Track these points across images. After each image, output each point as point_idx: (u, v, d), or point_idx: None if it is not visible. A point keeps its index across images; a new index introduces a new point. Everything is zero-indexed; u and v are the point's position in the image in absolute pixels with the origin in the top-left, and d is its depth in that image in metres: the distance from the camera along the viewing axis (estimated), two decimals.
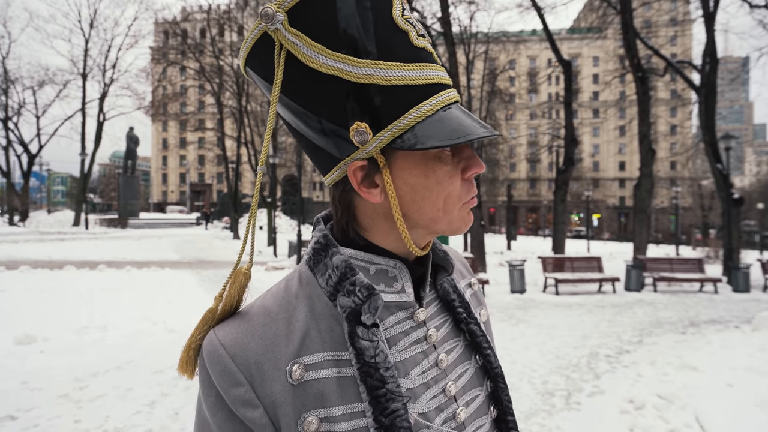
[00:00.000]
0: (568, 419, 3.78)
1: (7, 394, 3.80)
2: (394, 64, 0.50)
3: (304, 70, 0.51)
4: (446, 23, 13.46)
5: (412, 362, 0.56)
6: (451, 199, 0.55)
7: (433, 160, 0.53)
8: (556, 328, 7.05)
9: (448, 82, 0.55)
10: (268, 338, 0.52)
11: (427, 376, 0.57)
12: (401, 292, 0.57)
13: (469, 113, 0.55)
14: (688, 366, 4.84)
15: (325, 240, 0.57)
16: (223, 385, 0.51)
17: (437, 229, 0.56)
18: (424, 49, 0.53)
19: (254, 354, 0.51)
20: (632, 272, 10.90)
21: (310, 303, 0.55)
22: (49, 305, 7.08)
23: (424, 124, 0.51)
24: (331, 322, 0.54)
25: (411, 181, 0.53)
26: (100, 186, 71.84)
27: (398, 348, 0.55)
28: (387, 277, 0.57)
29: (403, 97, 0.51)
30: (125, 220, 30.59)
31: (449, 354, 0.61)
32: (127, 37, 31.89)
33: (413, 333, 0.58)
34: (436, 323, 0.61)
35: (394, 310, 0.57)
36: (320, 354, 0.52)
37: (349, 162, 0.53)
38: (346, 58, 0.49)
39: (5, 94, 30.17)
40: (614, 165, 66.33)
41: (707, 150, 14.04)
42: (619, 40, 19.48)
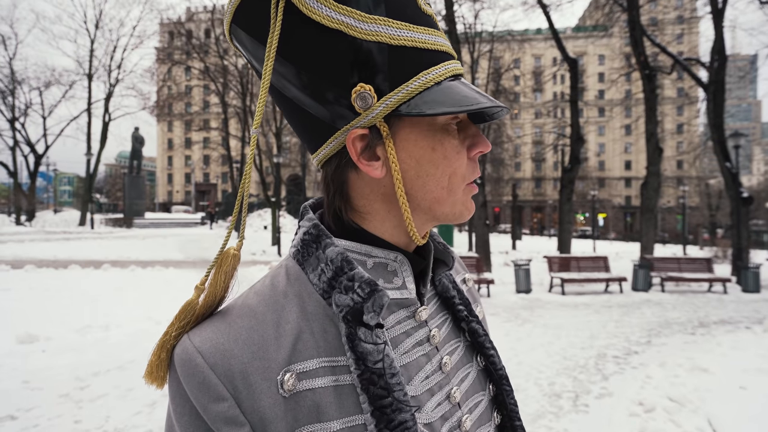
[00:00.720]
0: (576, 422, 3.70)
1: (8, 393, 3.77)
2: (403, 23, 0.46)
3: (304, 24, 0.45)
4: (450, 21, 13.38)
5: (415, 366, 0.50)
6: (456, 177, 0.50)
7: (441, 132, 0.49)
8: (562, 328, 6.96)
9: (453, 54, 0.51)
10: (255, 343, 0.45)
11: (431, 381, 0.51)
12: (402, 288, 0.51)
13: (475, 87, 0.50)
14: (698, 368, 4.74)
15: (316, 230, 0.50)
16: (201, 401, 0.43)
17: (440, 211, 0.51)
18: (431, 16, 0.49)
19: (239, 362, 0.44)
20: (639, 272, 10.78)
21: (300, 302, 0.48)
22: (52, 304, 7.07)
23: (432, 90, 0.46)
24: (325, 323, 0.47)
25: (416, 154, 0.48)
26: (106, 186, 72.30)
27: (400, 350, 0.50)
28: (386, 271, 0.51)
29: (412, 60, 0.46)
30: (130, 220, 30.72)
31: (451, 356, 0.55)
32: (132, 37, 32.23)
33: (415, 334, 0.52)
34: (437, 322, 0.56)
35: (394, 308, 0.51)
36: (315, 360, 0.45)
37: (348, 130, 0.47)
38: (353, 12, 0.45)
39: (12, 94, 30.41)
40: (620, 164, 65.90)
41: (715, 148, 13.86)
42: (625, 37, 19.33)
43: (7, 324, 5.63)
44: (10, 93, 30.32)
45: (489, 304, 8.84)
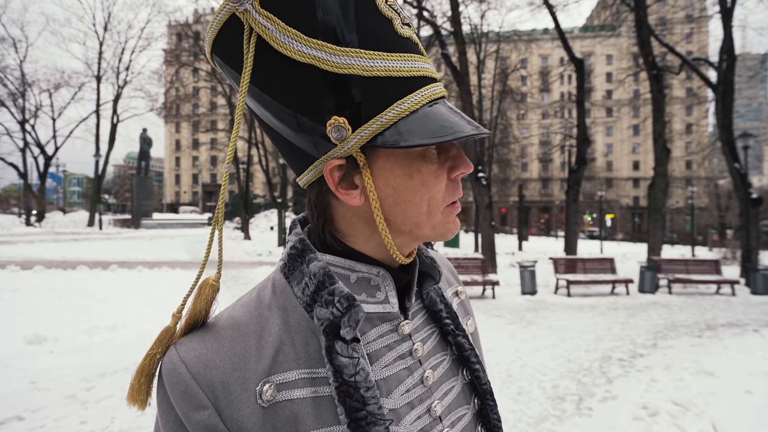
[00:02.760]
0: (579, 425, 3.69)
1: (16, 394, 3.82)
2: (376, 53, 0.46)
3: (277, 58, 0.46)
4: (456, 22, 13.37)
5: (395, 380, 0.51)
6: (436, 201, 0.50)
7: (417, 160, 0.49)
8: (567, 330, 6.92)
9: (434, 76, 0.51)
10: (237, 355, 0.47)
11: (412, 394, 0.52)
12: (384, 303, 0.52)
13: (456, 110, 0.50)
14: (704, 371, 4.69)
15: (301, 245, 0.52)
16: (184, 409, 0.45)
17: (421, 234, 0.52)
18: (409, 38, 0.49)
19: (220, 373, 0.46)
20: (646, 273, 10.69)
21: (284, 314, 0.50)
22: (60, 305, 7.15)
23: (408, 120, 0.46)
24: (308, 335, 0.49)
25: (393, 182, 0.49)
26: (114, 187, 72.97)
27: (381, 364, 0.51)
28: (369, 285, 0.52)
29: (385, 90, 0.46)
30: (138, 221, 31.00)
31: (435, 370, 0.56)
32: (140, 39, 32.42)
33: (397, 347, 0.53)
34: (421, 336, 0.57)
35: (376, 322, 0.52)
36: (294, 372, 0.47)
37: (325, 161, 0.48)
38: (324, 45, 0.45)
39: (23, 97, 30.78)
40: (628, 164, 65.36)
41: (724, 149, 13.71)
42: (632, 37, 19.18)
43: (15, 325, 5.71)
44: (20, 95, 30.70)
45: (494, 306, 8.81)
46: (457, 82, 13.64)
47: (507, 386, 4.50)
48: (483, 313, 8.10)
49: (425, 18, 16.15)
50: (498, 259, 14.20)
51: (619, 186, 63.85)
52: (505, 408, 3.97)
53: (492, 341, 6.15)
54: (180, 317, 0.51)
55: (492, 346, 5.88)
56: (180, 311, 0.51)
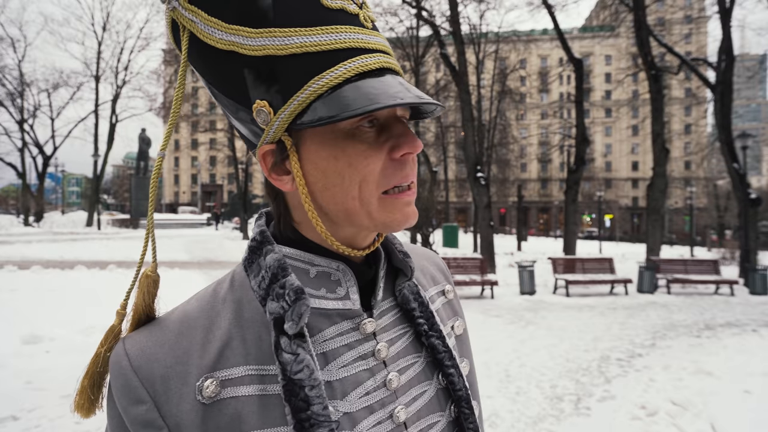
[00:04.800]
0: (577, 425, 3.68)
1: (12, 394, 3.80)
2: (292, 30, 0.43)
3: (209, 50, 0.46)
4: (455, 22, 13.36)
5: (353, 381, 0.48)
6: (368, 184, 0.46)
7: (344, 139, 0.45)
8: (566, 330, 6.91)
9: (369, 46, 0.46)
10: (181, 348, 0.46)
11: (372, 398, 0.49)
12: (345, 299, 0.50)
13: (402, 83, 0.46)
14: (703, 371, 4.69)
15: (261, 237, 0.51)
16: (123, 403, 0.44)
17: (358, 222, 0.48)
18: (341, 10, 0.45)
19: (161, 367, 0.44)
20: (645, 273, 10.69)
21: (237, 308, 0.48)
22: (57, 305, 7.13)
23: (331, 96, 0.43)
24: (261, 330, 0.47)
25: (321, 165, 0.46)
26: (113, 187, 72.92)
27: (338, 364, 0.48)
28: (330, 281, 0.50)
29: (304, 67, 0.44)
30: (137, 221, 30.94)
31: (404, 373, 0.52)
32: (139, 39, 32.32)
33: (359, 347, 0.50)
34: (390, 336, 0.53)
35: (336, 319, 0.50)
36: (241, 368, 0.45)
37: (259, 146, 0.48)
38: (241, 30, 0.44)
39: (21, 96, 30.72)
40: (627, 165, 65.43)
41: (723, 149, 13.73)
42: (631, 38, 19.19)
43: (12, 324, 5.68)
44: (19, 95, 30.63)
45: (492, 306, 8.80)
46: (456, 82, 13.64)
47: (505, 386, 4.49)
48: (482, 313, 8.09)
49: (424, 18, 16.16)
50: (497, 259, 14.18)
51: (618, 186, 63.91)
52: (503, 408, 3.95)
53: (490, 341, 6.14)
54: (124, 314, 0.50)
55: (490, 346, 5.87)
56: (124, 307, 0.50)
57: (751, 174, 79.03)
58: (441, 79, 28.19)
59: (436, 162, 30.35)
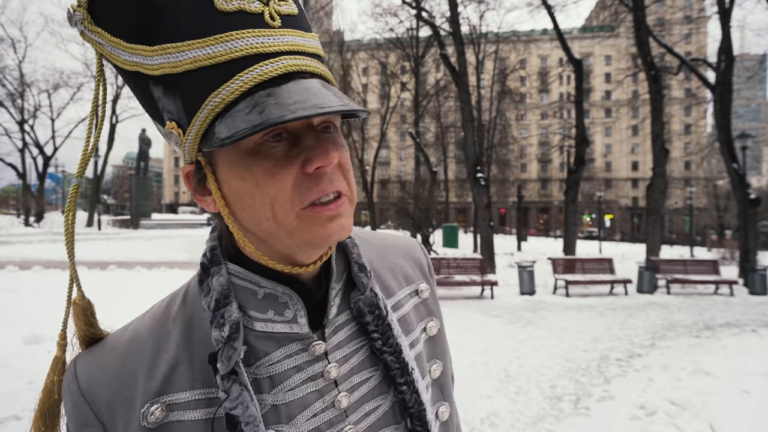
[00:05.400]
0: (577, 425, 3.69)
1: (14, 393, 3.82)
2: (185, 43, 0.40)
3: (119, 71, 0.44)
4: (455, 23, 13.38)
5: (300, 404, 0.47)
6: (280, 203, 0.42)
7: (248, 157, 0.42)
8: (565, 330, 6.93)
9: (272, 49, 0.41)
10: (128, 372, 0.46)
11: (320, 419, 0.48)
12: (292, 322, 0.48)
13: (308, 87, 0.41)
14: (702, 371, 4.70)
15: (210, 254, 0.49)
16: (71, 424, 0.45)
17: (282, 243, 0.45)
18: (239, 11, 0.41)
19: (107, 391, 0.45)
20: (645, 274, 10.70)
21: (187, 329, 0.48)
22: (58, 305, 7.12)
23: (230, 114, 0.40)
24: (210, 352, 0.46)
25: (233, 186, 0.44)
26: (113, 187, 72.91)
27: (285, 387, 0.47)
28: (277, 303, 0.48)
29: (201, 84, 0.40)
30: (137, 221, 30.94)
31: (357, 389, 0.51)
32: None
33: (308, 368, 0.49)
34: (345, 352, 0.51)
35: (284, 342, 0.48)
36: (188, 392, 0.45)
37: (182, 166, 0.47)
38: (139, 49, 0.41)
39: (21, 97, 30.74)
40: (627, 165, 65.44)
41: (723, 149, 13.74)
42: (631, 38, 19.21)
43: (14, 325, 5.70)
44: (19, 95, 30.66)
45: (492, 306, 8.82)
46: (456, 82, 13.66)
47: (505, 386, 4.51)
48: (481, 313, 8.11)
49: (424, 18, 16.18)
50: (497, 260, 14.19)
51: (617, 186, 63.93)
52: (503, 408, 3.97)
53: (490, 341, 6.15)
54: (64, 344, 0.49)
55: (490, 347, 5.88)
56: (63, 338, 0.49)
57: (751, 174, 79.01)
58: (441, 79, 28.21)
59: (436, 162, 30.36)
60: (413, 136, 21.05)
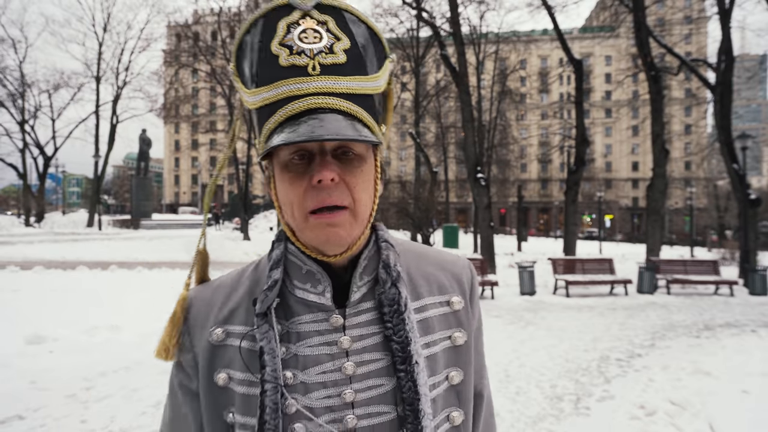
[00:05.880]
0: (577, 425, 3.71)
1: (16, 393, 3.84)
2: (257, 89, 0.58)
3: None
4: (455, 23, 13.40)
5: (313, 360, 0.60)
6: (296, 206, 0.58)
7: (283, 169, 0.59)
8: (566, 330, 6.95)
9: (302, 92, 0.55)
10: (211, 303, 0.66)
11: (327, 377, 0.60)
12: (321, 295, 0.62)
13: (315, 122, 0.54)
14: (702, 371, 4.72)
15: (278, 234, 0.67)
16: (180, 332, 0.65)
17: (302, 237, 0.61)
18: (292, 66, 0.56)
19: (197, 312, 0.65)
20: (645, 274, 10.72)
21: (252, 285, 0.66)
22: (60, 305, 7.17)
23: (273, 136, 0.56)
24: None
25: (278, 186, 0.61)
26: (114, 187, 72.90)
27: (306, 343, 0.61)
28: (314, 278, 0.63)
29: (264, 116, 0.59)
30: (138, 221, 30.93)
31: (363, 366, 0.61)
32: (139, 40, 32.31)
33: (326, 335, 0.61)
34: (361, 332, 0.62)
35: (313, 309, 0.62)
36: (242, 327, 0.62)
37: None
38: (246, 91, 0.60)
39: (22, 97, 30.75)
40: (627, 165, 65.45)
41: (723, 150, 13.76)
42: (631, 38, 19.21)
43: (16, 325, 5.72)
44: (20, 96, 30.66)
45: (492, 306, 8.83)
46: (457, 83, 13.68)
47: (505, 386, 4.53)
48: (482, 313, 8.12)
49: (424, 19, 16.20)
50: (497, 260, 14.20)
51: (618, 187, 63.92)
52: (503, 408, 3.99)
53: (490, 341, 6.15)
54: (189, 283, 0.70)
55: (490, 347, 5.88)
56: (188, 282, 0.70)
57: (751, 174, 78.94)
58: (441, 79, 28.22)
59: (437, 162, 30.35)
60: (414, 137, 21.07)
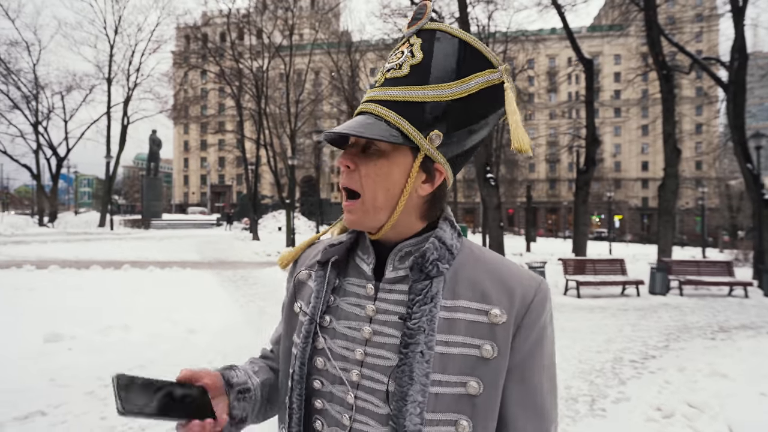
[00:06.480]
0: (593, 426, 3.69)
1: (37, 390, 3.90)
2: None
3: None
4: (464, 23, 13.37)
5: (345, 315, 0.71)
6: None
7: None
8: (578, 331, 6.90)
9: (365, 99, 0.71)
10: (309, 253, 0.83)
11: (349, 332, 0.69)
12: (367, 265, 0.73)
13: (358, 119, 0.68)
14: (718, 373, 4.67)
15: None
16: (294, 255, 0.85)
17: None
18: (375, 82, 0.72)
19: (304, 256, 0.84)
20: (657, 275, 10.62)
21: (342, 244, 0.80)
22: (76, 304, 7.26)
23: None
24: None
25: None
26: (124, 188, 73.66)
27: (346, 300, 0.73)
28: (368, 251, 0.74)
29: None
30: (148, 221, 31.25)
31: (378, 336, 0.67)
32: (150, 42, 32.65)
33: (359, 299, 0.71)
34: (388, 307, 0.68)
35: (360, 275, 0.73)
36: (315, 272, 0.77)
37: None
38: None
39: (36, 99, 31.20)
40: (637, 165, 64.87)
41: (736, 149, 13.59)
42: (641, 37, 19.03)
43: (34, 323, 5.81)
44: (33, 98, 31.12)
45: None
46: None
47: None
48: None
49: (432, 19, 16.16)
50: None
51: (627, 187, 63.35)
52: None
53: None
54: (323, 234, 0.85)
55: None
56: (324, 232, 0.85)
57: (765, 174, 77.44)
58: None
59: None
60: None
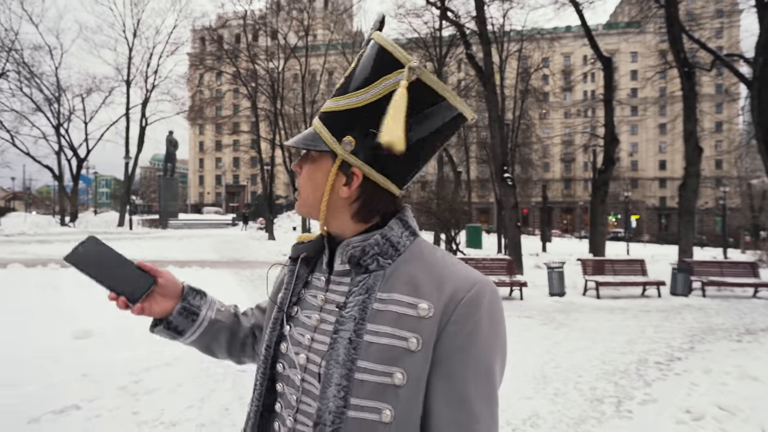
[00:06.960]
0: (620, 427, 3.66)
1: (71, 384, 4.01)
2: None
3: None
4: (482, 22, 13.30)
5: (306, 304, 0.79)
6: None
7: None
8: (599, 332, 6.83)
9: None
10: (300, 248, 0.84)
11: (306, 320, 0.77)
12: (325, 258, 0.80)
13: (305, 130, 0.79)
14: (749, 376, 4.57)
15: None
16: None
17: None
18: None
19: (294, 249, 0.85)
20: (679, 276, 10.44)
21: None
22: (100, 302, 7.39)
23: None
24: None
25: None
26: (141, 188, 74.92)
27: (309, 292, 0.80)
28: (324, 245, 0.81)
29: None
30: (166, 221, 31.75)
31: (324, 323, 0.74)
32: (167, 44, 33.14)
33: (316, 291, 0.79)
34: (335, 297, 0.75)
35: (322, 269, 0.80)
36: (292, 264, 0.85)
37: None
38: None
39: (57, 102, 31.92)
40: (654, 164, 63.79)
41: (760, 147, 13.24)
42: (660, 33, 18.70)
43: (62, 320, 5.96)
44: (55, 100, 31.85)
45: (523, 307, 8.75)
46: (483, 83, 13.57)
47: (543, 387, 4.49)
48: (512, 313, 8.04)
49: (449, 18, 16.13)
50: (522, 260, 14.04)
51: (644, 186, 62.34)
52: (543, 409, 3.96)
53: (524, 341, 6.12)
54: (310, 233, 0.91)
55: (524, 347, 5.85)
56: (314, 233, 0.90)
57: None
58: (463, 79, 28.04)
59: (458, 162, 30.18)
60: None
